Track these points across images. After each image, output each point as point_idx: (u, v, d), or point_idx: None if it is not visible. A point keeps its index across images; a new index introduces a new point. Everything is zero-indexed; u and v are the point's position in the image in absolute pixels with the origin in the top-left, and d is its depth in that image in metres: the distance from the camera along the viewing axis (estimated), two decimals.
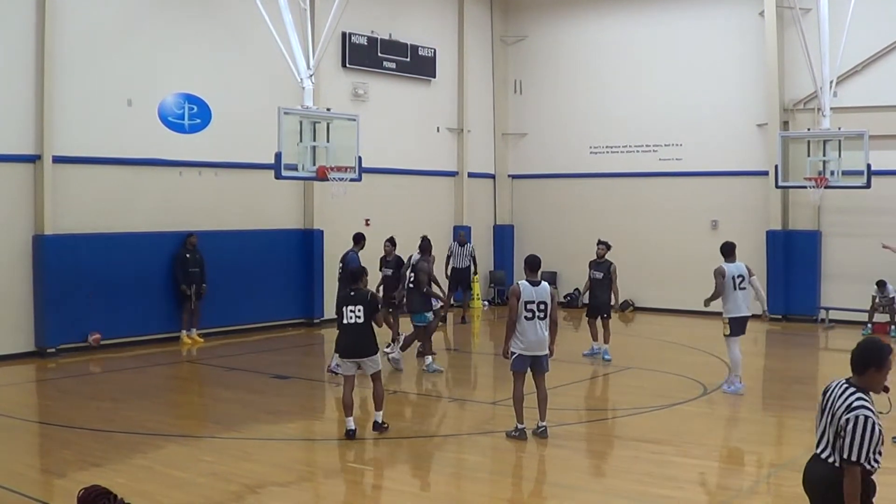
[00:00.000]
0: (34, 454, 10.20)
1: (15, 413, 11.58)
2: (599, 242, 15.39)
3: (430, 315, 14.22)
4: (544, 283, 10.17)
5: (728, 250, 12.93)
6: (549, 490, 8.76)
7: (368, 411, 11.03)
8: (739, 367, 12.55)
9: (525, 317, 9.90)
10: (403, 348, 14.35)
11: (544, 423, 10.09)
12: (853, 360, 5.27)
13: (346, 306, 10.23)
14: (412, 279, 14.38)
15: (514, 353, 10.02)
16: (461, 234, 20.74)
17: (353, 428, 10.23)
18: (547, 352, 10.15)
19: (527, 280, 10.12)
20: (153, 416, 11.51)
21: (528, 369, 10.09)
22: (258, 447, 10.07)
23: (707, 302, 13.03)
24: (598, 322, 15.22)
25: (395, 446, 10.38)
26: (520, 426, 10.02)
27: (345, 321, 10.23)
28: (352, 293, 10.37)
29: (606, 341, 15.15)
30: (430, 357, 14.24)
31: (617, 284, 15.16)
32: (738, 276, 12.63)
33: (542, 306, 9.94)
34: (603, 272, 15.11)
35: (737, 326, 12.56)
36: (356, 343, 10.26)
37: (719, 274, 12.67)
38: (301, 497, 8.62)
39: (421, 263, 14.46)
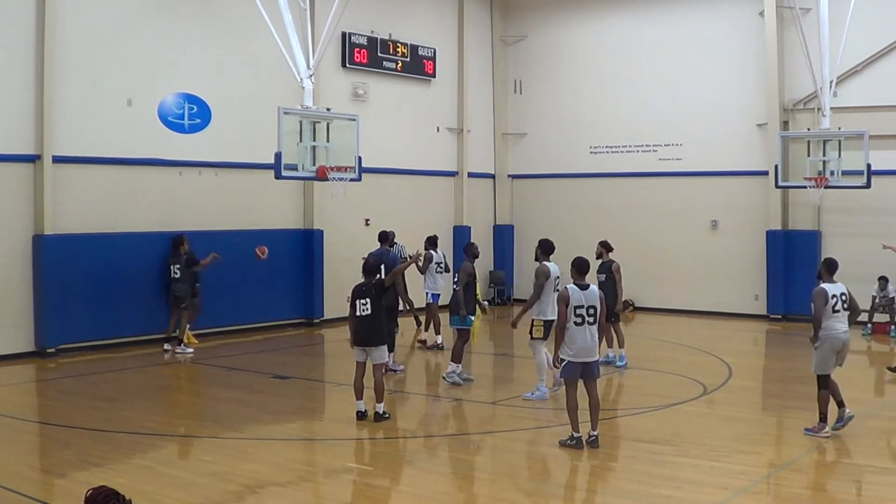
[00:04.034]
0: (34, 454, 10.19)
1: (15, 413, 11.59)
2: (599, 243, 14.87)
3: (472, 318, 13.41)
4: (593, 287, 9.86)
5: (550, 248, 12.27)
6: (549, 490, 8.76)
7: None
8: (545, 372, 12.00)
9: (574, 322, 9.59)
10: (456, 360, 13.18)
11: (596, 433, 9.76)
12: None
13: (358, 299, 10.97)
14: (455, 279, 13.64)
15: (564, 360, 9.71)
16: (390, 235, 17.34)
17: (363, 410, 10.97)
18: (598, 357, 9.89)
19: (575, 284, 9.79)
20: (153, 416, 11.52)
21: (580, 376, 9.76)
22: (258, 447, 10.07)
23: (527, 310, 12.11)
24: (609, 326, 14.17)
25: (395, 446, 10.39)
26: (575, 435, 9.70)
27: (357, 313, 10.93)
28: (363, 287, 11.04)
29: (621, 346, 14.50)
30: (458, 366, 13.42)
31: (621, 285, 14.46)
32: (557, 278, 12.01)
33: (591, 311, 9.65)
34: (605, 273, 14.44)
35: (549, 330, 11.77)
36: (365, 332, 10.94)
37: (542, 274, 11.97)
38: (301, 497, 8.61)
39: (465, 264, 13.66)
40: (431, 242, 16.70)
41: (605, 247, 14.78)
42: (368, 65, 20.75)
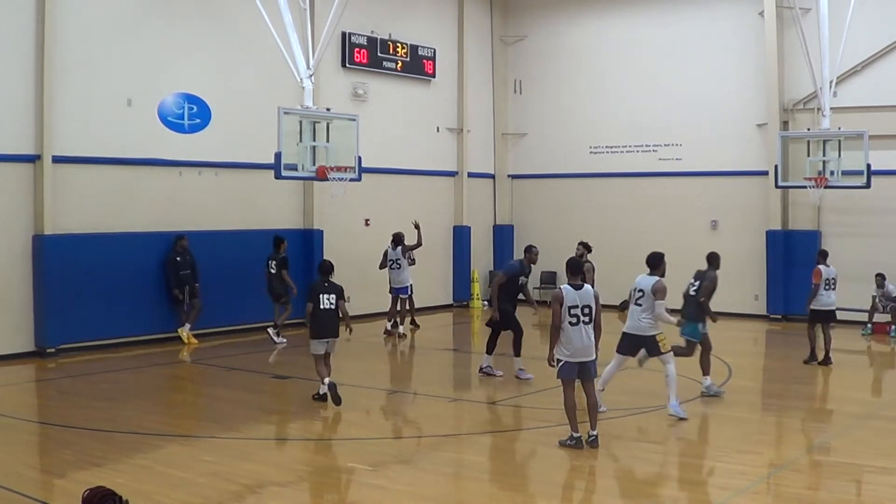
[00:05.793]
0: (34, 454, 10.19)
1: (15, 413, 11.58)
2: (579, 243, 14.80)
3: (701, 327, 12.47)
4: (587, 286, 9.90)
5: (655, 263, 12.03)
6: (549, 490, 8.75)
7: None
8: None
9: (569, 322, 9.62)
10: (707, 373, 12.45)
11: (595, 432, 9.77)
12: None
13: (323, 294, 11.76)
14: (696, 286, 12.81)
15: (561, 360, 9.74)
16: (396, 235, 18.27)
17: (324, 392, 11.78)
18: (594, 357, 9.91)
19: (569, 284, 9.85)
20: (153, 416, 11.52)
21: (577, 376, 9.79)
22: (258, 447, 10.08)
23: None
24: None
25: (395, 446, 10.39)
26: (575, 435, 9.72)
27: (322, 306, 11.73)
28: (326, 284, 11.86)
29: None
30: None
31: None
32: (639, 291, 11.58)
33: (586, 310, 9.68)
34: None
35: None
36: (329, 325, 11.85)
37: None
38: (301, 497, 8.62)
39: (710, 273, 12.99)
40: (393, 240, 17.78)
41: (585, 247, 14.72)
42: (368, 65, 20.76)
